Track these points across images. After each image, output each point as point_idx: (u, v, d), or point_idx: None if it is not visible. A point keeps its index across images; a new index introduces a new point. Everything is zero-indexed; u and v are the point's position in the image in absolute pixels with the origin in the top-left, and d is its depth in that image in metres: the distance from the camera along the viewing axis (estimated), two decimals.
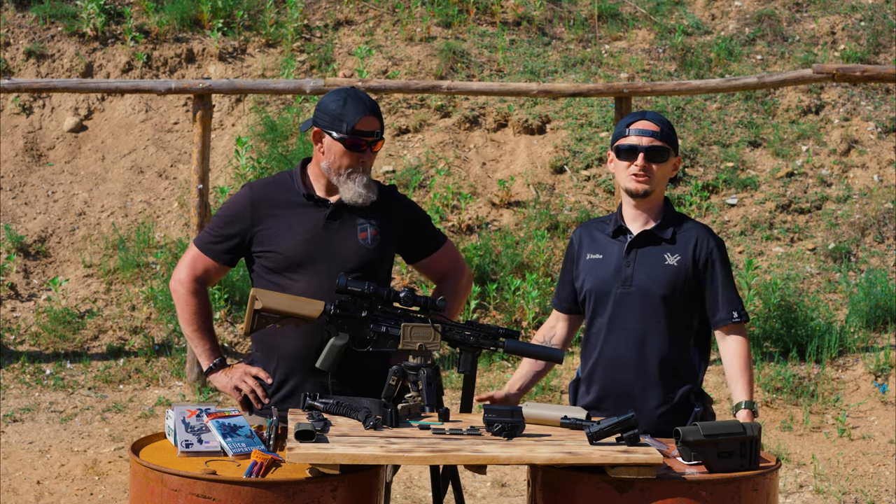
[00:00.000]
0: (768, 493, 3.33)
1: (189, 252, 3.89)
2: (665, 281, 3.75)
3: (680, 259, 3.77)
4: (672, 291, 3.75)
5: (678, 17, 10.60)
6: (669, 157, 3.81)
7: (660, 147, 3.78)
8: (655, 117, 3.84)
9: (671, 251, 3.79)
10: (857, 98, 9.69)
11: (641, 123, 3.80)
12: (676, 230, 3.82)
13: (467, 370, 3.68)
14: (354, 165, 3.76)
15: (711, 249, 3.80)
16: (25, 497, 6.10)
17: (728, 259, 3.85)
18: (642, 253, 3.80)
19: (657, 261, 3.78)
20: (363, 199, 3.78)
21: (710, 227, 3.98)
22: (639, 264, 3.78)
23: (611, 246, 3.84)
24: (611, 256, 3.82)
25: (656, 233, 3.81)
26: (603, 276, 3.81)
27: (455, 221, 8.77)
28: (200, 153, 7.58)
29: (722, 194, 8.98)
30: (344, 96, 3.77)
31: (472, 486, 6.39)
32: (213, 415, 3.47)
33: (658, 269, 3.77)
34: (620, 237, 3.84)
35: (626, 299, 3.76)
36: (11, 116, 9.57)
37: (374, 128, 3.76)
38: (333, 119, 3.75)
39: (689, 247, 3.79)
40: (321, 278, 3.74)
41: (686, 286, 3.77)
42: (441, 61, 9.81)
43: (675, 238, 3.80)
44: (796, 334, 7.73)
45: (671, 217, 3.86)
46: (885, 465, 6.70)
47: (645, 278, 3.76)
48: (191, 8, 10.12)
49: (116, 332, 8.08)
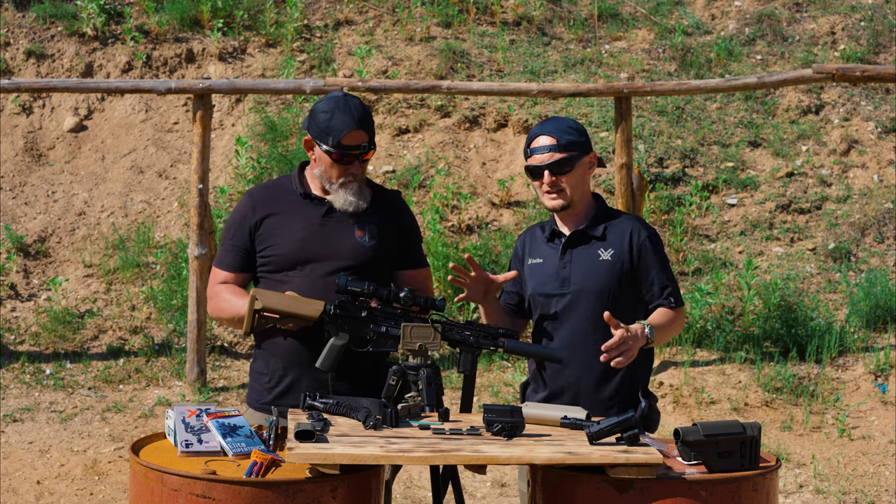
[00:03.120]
0: (768, 493, 3.33)
1: (211, 274, 3.96)
2: (602, 277, 3.79)
3: (614, 253, 3.82)
4: (609, 286, 3.79)
5: (678, 17, 10.60)
6: (576, 162, 3.83)
7: (562, 159, 3.80)
8: (554, 127, 3.84)
9: (604, 247, 3.83)
10: (857, 98, 9.69)
11: (539, 140, 3.84)
12: (607, 226, 3.86)
13: (467, 370, 3.69)
14: (344, 176, 3.79)
15: (643, 239, 3.84)
16: (25, 497, 6.10)
17: (662, 247, 3.89)
18: (577, 253, 3.84)
19: (592, 258, 3.82)
20: (354, 207, 3.81)
21: (641, 218, 4.03)
22: (575, 265, 3.83)
23: (548, 250, 3.90)
24: (549, 259, 3.87)
25: (587, 231, 3.86)
26: (543, 280, 3.86)
27: (455, 221, 8.77)
28: (200, 153, 7.58)
29: (722, 194, 8.98)
30: (332, 108, 3.78)
31: (472, 486, 6.39)
32: (212, 415, 3.47)
33: (594, 266, 3.81)
34: (556, 240, 3.90)
35: (567, 299, 3.81)
36: (11, 116, 9.57)
37: (361, 141, 3.77)
38: (321, 131, 3.78)
39: (621, 240, 3.84)
40: (318, 275, 3.76)
41: (623, 279, 3.81)
42: (441, 61, 9.81)
43: (606, 234, 3.85)
44: (796, 334, 7.73)
45: (602, 214, 3.90)
46: (885, 465, 6.70)
47: (581, 277, 3.81)
48: (191, 8, 10.12)
49: (116, 332, 8.08)
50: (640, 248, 3.82)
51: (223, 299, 3.84)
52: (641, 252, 3.82)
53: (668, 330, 3.83)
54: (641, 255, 3.82)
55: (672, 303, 3.83)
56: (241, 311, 3.72)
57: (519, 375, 7.58)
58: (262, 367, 3.87)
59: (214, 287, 3.89)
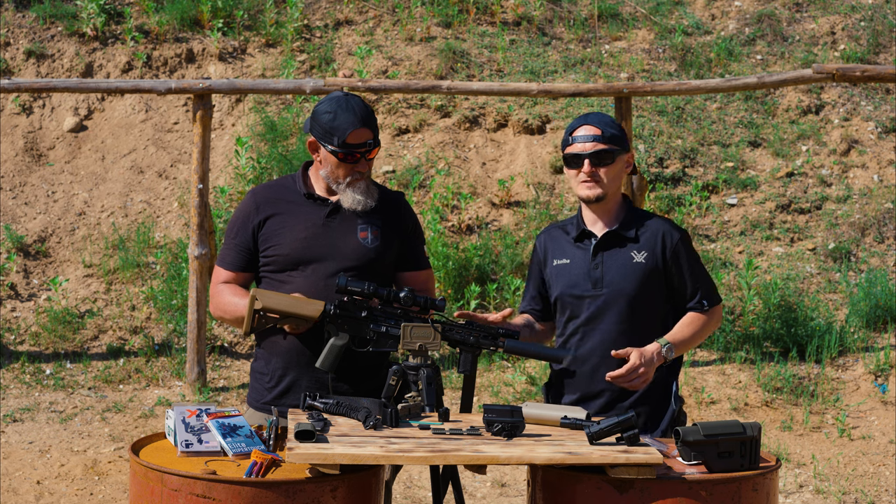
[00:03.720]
0: (768, 493, 3.33)
1: (213, 274, 3.96)
2: (636, 279, 3.78)
3: (647, 255, 3.80)
4: (643, 289, 3.78)
5: (678, 17, 10.60)
6: (617, 157, 3.82)
7: (604, 150, 3.79)
8: (598, 119, 3.84)
9: (637, 249, 3.81)
10: (857, 98, 9.69)
11: (583, 129, 3.82)
12: (639, 227, 3.85)
13: (467, 370, 3.69)
14: (351, 174, 3.79)
15: (676, 242, 3.82)
16: (25, 497, 6.10)
17: (692, 248, 3.88)
18: (609, 255, 3.82)
19: (625, 260, 3.80)
20: (362, 206, 3.81)
21: (671, 220, 4.00)
22: (607, 266, 3.80)
23: (576, 250, 3.86)
24: (578, 261, 3.84)
25: (620, 232, 3.83)
26: (574, 281, 3.83)
27: (455, 221, 8.77)
28: (200, 153, 7.58)
29: (722, 194, 8.98)
30: (335, 108, 3.78)
31: (472, 486, 6.39)
32: (213, 415, 3.47)
33: (627, 268, 3.79)
34: (585, 241, 3.87)
35: (599, 301, 3.78)
36: (11, 116, 9.57)
37: (366, 139, 3.77)
38: (325, 132, 3.77)
39: (654, 242, 3.81)
40: (320, 275, 3.76)
41: (656, 282, 3.80)
42: (441, 61, 9.81)
43: (639, 236, 3.83)
44: (796, 334, 7.73)
45: (632, 215, 3.88)
46: (885, 465, 6.70)
47: (616, 279, 3.78)
48: (191, 8, 10.12)
49: (116, 332, 8.08)
50: (674, 250, 3.81)
51: (225, 299, 3.84)
52: (674, 255, 3.81)
53: (697, 336, 3.82)
54: (674, 257, 3.81)
55: (705, 306, 3.82)
56: (243, 311, 3.72)
57: (518, 375, 7.58)
58: (262, 367, 3.87)
59: (217, 286, 3.88)
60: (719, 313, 3.89)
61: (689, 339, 3.79)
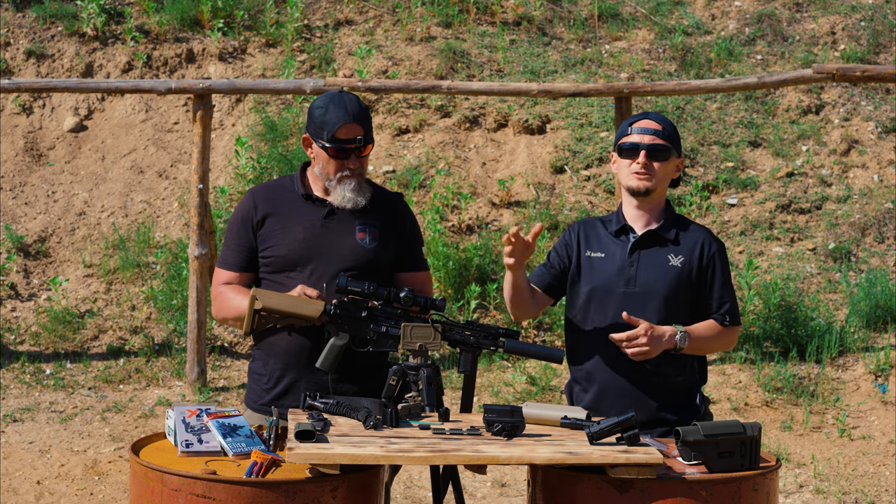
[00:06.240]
0: (768, 493, 3.33)
1: (214, 276, 3.95)
2: (668, 282, 3.77)
3: (684, 261, 3.79)
4: (675, 292, 3.77)
5: (678, 17, 10.60)
6: (671, 156, 3.84)
7: (662, 146, 3.81)
8: (658, 117, 3.88)
9: (675, 252, 3.81)
10: (857, 98, 9.69)
11: (644, 122, 3.84)
12: (680, 231, 3.84)
13: (467, 370, 3.69)
14: (341, 171, 3.78)
15: (714, 253, 3.82)
16: (25, 497, 6.10)
17: (728, 262, 3.88)
18: (646, 254, 3.81)
19: (661, 261, 3.79)
20: (353, 204, 3.80)
21: (711, 230, 3.99)
22: (643, 265, 3.79)
23: (613, 245, 3.85)
24: (613, 256, 3.83)
25: (660, 233, 3.83)
26: (607, 276, 3.81)
27: (455, 221, 8.77)
28: (200, 153, 7.58)
29: (722, 194, 8.98)
30: (327, 103, 3.78)
31: (472, 486, 6.39)
32: (213, 415, 3.47)
33: (662, 269, 3.78)
34: (623, 237, 3.85)
35: (629, 299, 3.76)
36: (11, 116, 9.57)
37: (356, 134, 3.76)
38: (317, 127, 3.78)
39: (692, 248, 3.81)
40: (318, 276, 3.75)
41: (688, 288, 3.79)
42: (441, 61, 9.81)
43: (679, 239, 3.82)
44: (796, 334, 7.73)
45: (674, 218, 3.88)
46: (885, 465, 6.70)
47: (649, 279, 3.77)
48: (191, 8, 10.12)
49: (116, 332, 8.08)
50: (710, 260, 3.81)
51: (227, 299, 3.82)
52: (710, 264, 3.80)
53: (711, 343, 3.81)
54: (710, 267, 3.80)
55: (726, 320, 3.81)
56: (245, 311, 3.72)
57: (518, 375, 7.59)
58: (260, 368, 3.86)
59: (218, 288, 3.87)
60: (736, 335, 3.87)
61: (704, 340, 3.77)
